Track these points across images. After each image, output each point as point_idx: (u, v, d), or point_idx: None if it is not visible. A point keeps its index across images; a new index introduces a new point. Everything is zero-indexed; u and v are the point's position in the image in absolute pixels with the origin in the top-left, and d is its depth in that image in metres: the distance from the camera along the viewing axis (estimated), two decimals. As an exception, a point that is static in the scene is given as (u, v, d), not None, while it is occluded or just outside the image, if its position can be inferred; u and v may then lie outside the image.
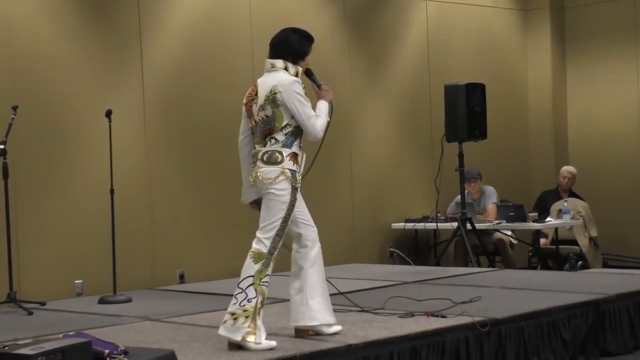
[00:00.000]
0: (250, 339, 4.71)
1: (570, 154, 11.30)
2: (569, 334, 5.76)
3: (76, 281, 7.50)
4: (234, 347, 4.76)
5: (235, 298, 4.78)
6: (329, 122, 5.04)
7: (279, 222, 4.85)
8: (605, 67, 11.08)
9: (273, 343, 4.75)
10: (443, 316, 5.47)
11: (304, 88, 4.93)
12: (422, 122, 10.13)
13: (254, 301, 4.74)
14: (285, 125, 4.88)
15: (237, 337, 4.72)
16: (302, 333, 5.01)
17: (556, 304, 5.89)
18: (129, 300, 6.90)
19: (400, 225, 9.75)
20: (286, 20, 8.95)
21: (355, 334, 5.02)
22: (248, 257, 4.85)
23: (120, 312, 6.36)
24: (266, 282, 4.81)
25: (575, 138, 11.33)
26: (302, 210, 5.01)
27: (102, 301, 6.90)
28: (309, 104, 4.91)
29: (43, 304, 6.77)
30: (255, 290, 4.76)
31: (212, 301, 6.70)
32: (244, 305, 4.74)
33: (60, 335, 4.20)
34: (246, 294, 4.76)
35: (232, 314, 4.76)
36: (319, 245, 5.04)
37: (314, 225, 5.04)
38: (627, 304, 6.18)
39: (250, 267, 4.82)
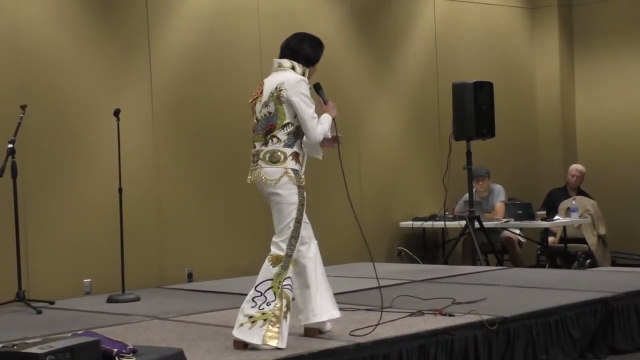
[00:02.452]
0: (273, 343, 4.66)
1: (578, 152, 11.28)
2: (578, 332, 5.75)
3: (85, 280, 7.52)
4: (240, 346, 4.72)
5: (254, 301, 4.71)
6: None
7: (292, 224, 4.80)
8: (614, 65, 11.06)
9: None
10: (451, 315, 5.47)
11: (310, 89, 4.91)
12: (430, 120, 10.12)
13: (272, 304, 4.69)
14: (287, 124, 4.84)
15: (257, 341, 4.66)
16: (312, 332, 4.99)
17: (565, 302, 5.88)
18: (137, 299, 6.91)
19: (408, 223, 9.75)
20: (294, 18, 8.98)
21: (363, 332, 5.02)
22: (266, 260, 4.80)
23: (129, 310, 6.37)
24: (288, 285, 4.76)
25: (583, 136, 11.31)
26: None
27: (110, 300, 6.91)
28: (313, 105, 4.89)
29: (52, 302, 6.79)
30: (275, 293, 4.71)
31: (221, 300, 6.71)
32: (263, 309, 4.69)
33: (69, 334, 4.20)
34: (265, 297, 4.70)
35: (250, 316, 4.70)
36: (316, 241, 5.04)
37: (309, 222, 5.00)
38: (635, 302, 6.17)
39: (268, 270, 4.77)
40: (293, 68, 4.94)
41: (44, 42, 7.44)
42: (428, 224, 9.62)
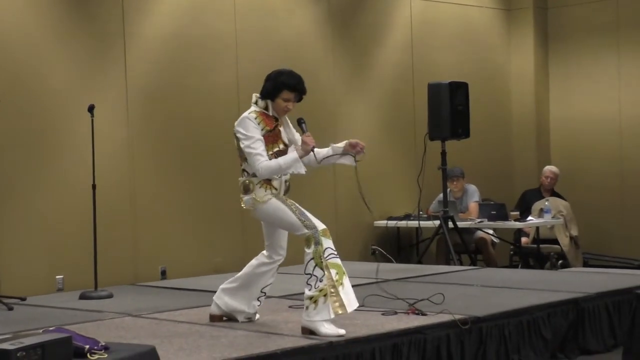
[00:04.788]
0: (341, 311, 4.89)
1: (552, 153, 11.35)
2: (549, 332, 5.79)
3: (57, 276, 7.47)
4: (307, 332, 4.92)
5: (308, 284, 4.93)
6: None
7: (290, 218, 5.06)
8: (588, 67, 11.14)
9: (342, 331, 4.95)
10: (424, 314, 5.48)
11: (258, 124, 5.11)
12: (405, 120, 10.15)
13: (324, 279, 4.90)
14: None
15: (326, 316, 4.88)
16: (217, 319, 5.49)
17: (537, 302, 5.92)
18: (110, 296, 6.88)
19: (382, 222, 9.77)
20: (271, 18, 8.98)
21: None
22: (304, 249, 5.01)
23: (101, 307, 6.34)
24: (330, 254, 4.96)
25: (557, 137, 11.38)
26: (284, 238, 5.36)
27: (83, 297, 6.88)
28: (255, 139, 5.07)
29: (23, 299, 6.74)
30: (321, 268, 4.91)
31: (194, 297, 6.69)
32: (318, 286, 4.91)
33: (41, 331, 4.17)
34: (315, 276, 4.92)
35: (310, 297, 4.92)
36: (279, 258, 5.45)
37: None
38: (606, 303, 6.22)
39: (307, 254, 4.98)
40: (256, 102, 5.24)
41: (18, 39, 7.37)
42: (402, 224, 9.65)
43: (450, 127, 8.76)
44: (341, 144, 5.25)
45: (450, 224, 8.79)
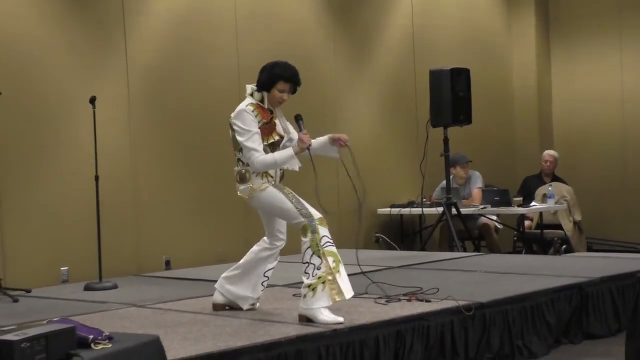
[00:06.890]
0: (339, 298, 4.91)
1: (554, 139, 11.34)
2: (553, 317, 5.79)
3: (62, 268, 7.49)
4: (303, 320, 4.95)
5: (306, 272, 4.96)
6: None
7: (286, 205, 5.10)
8: (590, 52, 11.13)
9: (340, 319, 4.94)
10: (428, 300, 5.49)
11: (256, 116, 5.12)
12: (407, 107, 10.14)
13: (322, 267, 4.92)
14: (242, 149, 5.19)
15: (325, 303, 4.89)
16: (220, 308, 5.51)
17: (540, 287, 5.92)
18: (114, 287, 6.90)
19: (385, 210, 9.77)
20: (272, 5, 8.96)
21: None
22: (301, 237, 5.05)
23: (106, 298, 6.35)
24: (326, 242, 4.98)
25: (559, 122, 11.38)
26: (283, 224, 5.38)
27: (87, 288, 6.89)
28: (253, 133, 5.10)
29: (28, 291, 6.76)
30: (319, 256, 4.94)
31: (198, 287, 6.70)
32: (316, 274, 4.93)
33: (45, 322, 4.18)
34: (313, 264, 4.94)
35: (309, 285, 4.93)
36: (280, 243, 5.49)
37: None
38: (610, 288, 6.23)
39: (304, 242, 5.01)
40: (252, 94, 5.24)
41: (19, 30, 7.36)
42: (406, 211, 9.65)
43: (452, 113, 8.76)
44: (323, 138, 5.33)
45: (454, 211, 8.80)
